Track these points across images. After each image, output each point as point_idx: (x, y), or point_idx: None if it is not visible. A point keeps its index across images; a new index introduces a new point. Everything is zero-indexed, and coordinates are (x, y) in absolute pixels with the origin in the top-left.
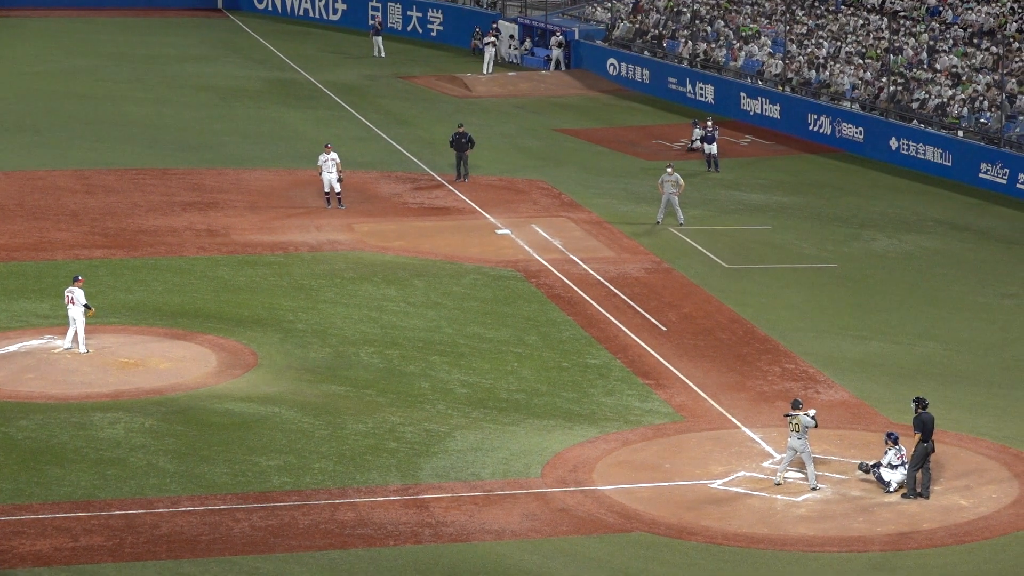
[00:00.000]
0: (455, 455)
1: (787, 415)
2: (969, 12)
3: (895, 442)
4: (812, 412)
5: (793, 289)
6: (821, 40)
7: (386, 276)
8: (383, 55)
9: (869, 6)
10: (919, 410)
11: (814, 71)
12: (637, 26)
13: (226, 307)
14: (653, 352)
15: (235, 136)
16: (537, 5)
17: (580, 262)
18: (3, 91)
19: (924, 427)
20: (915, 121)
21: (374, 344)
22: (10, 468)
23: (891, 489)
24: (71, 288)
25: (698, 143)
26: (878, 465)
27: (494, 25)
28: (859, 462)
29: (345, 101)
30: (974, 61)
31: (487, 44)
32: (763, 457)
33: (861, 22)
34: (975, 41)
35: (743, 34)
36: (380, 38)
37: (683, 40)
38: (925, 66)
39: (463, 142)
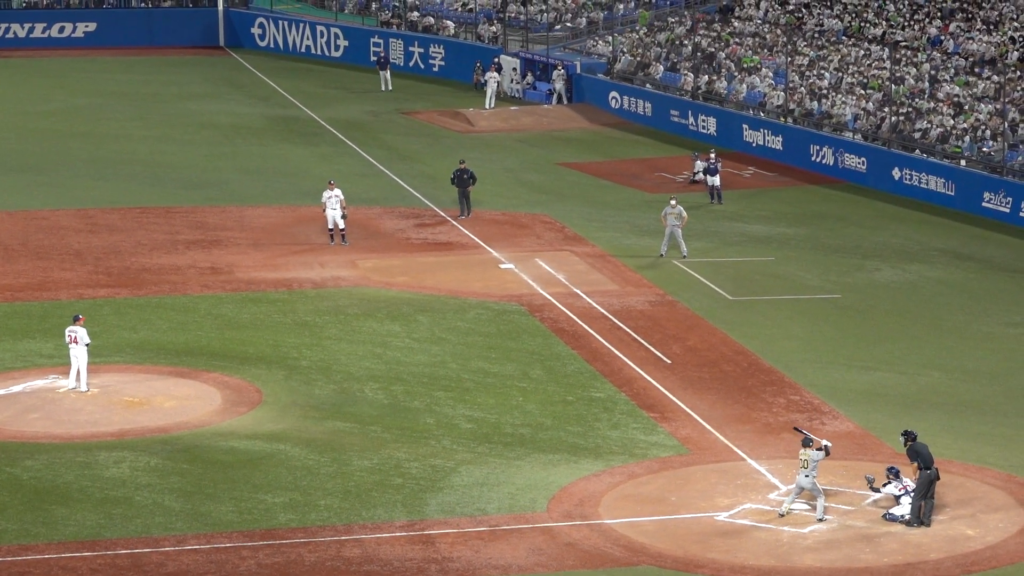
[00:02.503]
0: (461, 490)
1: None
2: (970, 41)
3: (896, 476)
4: (825, 443)
5: (797, 320)
6: (823, 71)
7: (390, 312)
8: (390, 88)
9: (870, 36)
10: (909, 443)
11: (816, 102)
12: (639, 60)
13: (230, 345)
14: (658, 385)
15: (238, 173)
16: (538, 39)
17: (584, 296)
18: (6, 131)
19: (920, 456)
20: (917, 151)
21: (379, 380)
22: (15, 508)
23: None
24: (72, 328)
25: (701, 175)
26: (887, 486)
27: (496, 60)
28: (867, 475)
29: (348, 137)
30: (976, 90)
31: (489, 79)
32: (769, 489)
33: (862, 52)
34: (976, 70)
35: (745, 66)
36: (387, 72)
37: (684, 73)
38: (927, 96)
39: (465, 178)
